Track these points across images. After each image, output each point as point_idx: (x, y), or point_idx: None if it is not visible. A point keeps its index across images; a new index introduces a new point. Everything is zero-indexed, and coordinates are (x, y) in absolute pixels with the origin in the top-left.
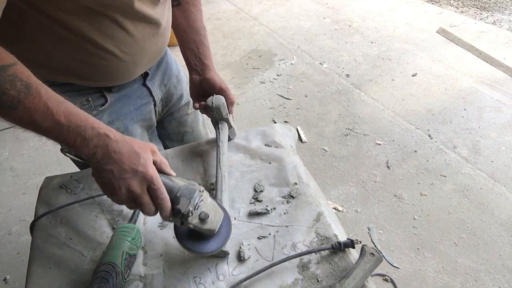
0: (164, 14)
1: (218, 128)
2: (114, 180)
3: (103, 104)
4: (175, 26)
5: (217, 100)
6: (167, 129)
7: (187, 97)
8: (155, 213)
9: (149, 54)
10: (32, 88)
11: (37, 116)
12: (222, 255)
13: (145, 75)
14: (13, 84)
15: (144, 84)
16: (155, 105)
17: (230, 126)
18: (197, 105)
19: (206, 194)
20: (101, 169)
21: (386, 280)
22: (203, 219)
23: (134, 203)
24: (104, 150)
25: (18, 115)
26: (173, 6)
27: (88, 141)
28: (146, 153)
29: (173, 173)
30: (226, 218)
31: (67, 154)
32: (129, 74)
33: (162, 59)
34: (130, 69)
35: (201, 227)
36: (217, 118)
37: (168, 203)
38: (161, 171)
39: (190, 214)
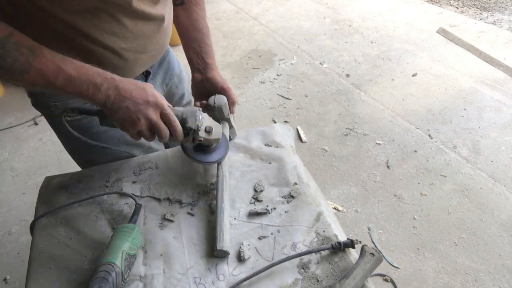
0: (165, 12)
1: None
2: (132, 113)
3: None
4: (178, 24)
5: (219, 99)
6: None
7: (188, 96)
8: (169, 138)
9: (150, 51)
10: (37, 50)
11: (50, 75)
12: (222, 255)
13: (146, 74)
14: (20, 50)
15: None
16: None
17: (231, 126)
18: (198, 103)
19: (203, 113)
20: (117, 108)
21: (386, 280)
22: (208, 131)
23: (151, 132)
24: (115, 91)
25: (32, 77)
26: (176, 4)
27: (99, 87)
28: (149, 87)
29: (170, 105)
30: (223, 134)
31: (67, 117)
32: (130, 71)
33: (164, 58)
34: (131, 66)
35: (209, 138)
36: (219, 118)
37: (179, 125)
38: None
39: (199, 128)
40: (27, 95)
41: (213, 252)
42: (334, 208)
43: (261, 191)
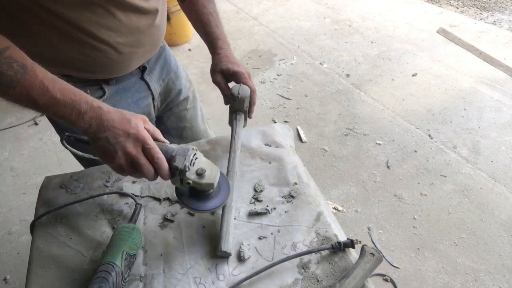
0: (158, 6)
1: (236, 119)
2: (110, 145)
3: (101, 97)
4: (190, 14)
5: (244, 91)
6: (166, 124)
7: (186, 92)
8: (155, 176)
9: (145, 46)
10: (28, 68)
11: (34, 93)
12: (224, 256)
13: (143, 69)
14: (10, 65)
15: (142, 78)
16: (153, 99)
17: (245, 118)
18: (221, 83)
19: (200, 153)
20: (97, 138)
21: (386, 280)
22: (200, 174)
23: (133, 167)
24: (98, 121)
25: (17, 93)
26: (182, 1)
27: (83, 114)
28: (137, 119)
29: (167, 141)
30: (224, 179)
31: (67, 146)
32: (125, 66)
33: (161, 54)
34: (126, 60)
35: (200, 182)
36: (237, 109)
37: (164, 162)
38: (154, 138)
39: (187, 169)
40: None
41: (215, 252)
42: (334, 208)
43: (261, 191)
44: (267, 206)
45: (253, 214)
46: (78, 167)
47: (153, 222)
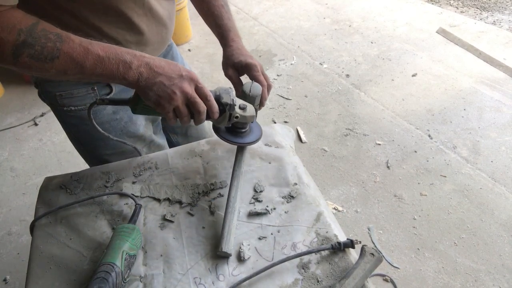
0: (168, 8)
1: None
2: (167, 88)
3: (108, 94)
4: (200, 8)
5: (256, 89)
6: None
7: None
8: (204, 114)
9: (153, 44)
10: (63, 36)
11: (78, 57)
12: (224, 256)
13: None
14: (47, 37)
15: None
16: None
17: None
18: (232, 77)
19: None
20: (151, 84)
21: (386, 280)
22: (243, 108)
23: (187, 109)
24: (147, 68)
25: (62, 62)
26: None
27: (130, 64)
28: (179, 64)
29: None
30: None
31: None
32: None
33: (168, 53)
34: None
35: (244, 115)
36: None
37: (213, 101)
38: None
39: (235, 104)
40: (33, 85)
41: (216, 252)
42: (334, 208)
43: (261, 191)
44: (267, 206)
45: (253, 214)
46: (78, 167)
47: (153, 223)
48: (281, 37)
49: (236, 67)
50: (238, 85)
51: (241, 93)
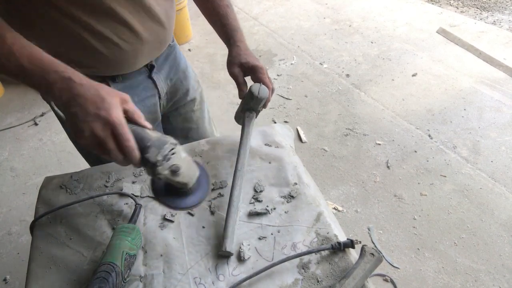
0: (165, 6)
1: (248, 117)
2: (78, 122)
3: None
4: (205, 10)
5: (263, 92)
6: (172, 124)
7: (193, 93)
8: (124, 162)
9: (150, 44)
10: (5, 35)
11: (2, 59)
12: (226, 255)
13: (151, 68)
14: None
15: (150, 77)
16: (159, 98)
17: (256, 117)
18: (239, 78)
19: (179, 148)
20: (67, 112)
21: (386, 280)
22: (174, 171)
23: (101, 148)
24: (68, 94)
25: None
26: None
27: (52, 85)
28: (113, 99)
29: (149, 126)
30: (204, 176)
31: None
32: (130, 63)
33: (170, 53)
34: (130, 58)
35: (172, 179)
36: (252, 107)
37: (134, 151)
38: (133, 121)
39: (159, 164)
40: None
41: (217, 251)
42: (334, 208)
43: (261, 191)
44: (267, 206)
45: (253, 214)
46: (78, 167)
47: (153, 222)
48: (281, 37)
49: (242, 67)
50: (242, 85)
51: (249, 94)
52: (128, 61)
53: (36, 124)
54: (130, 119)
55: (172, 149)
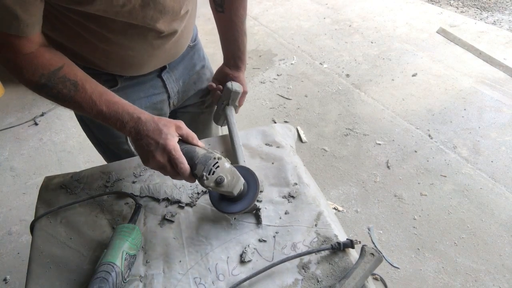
0: (180, 26)
1: (226, 110)
2: (144, 152)
3: (113, 87)
4: (219, 27)
5: (237, 86)
6: None
7: (204, 95)
8: (180, 178)
9: (158, 58)
10: (79, 85)
11: (85, 107)
12: (251, 211)
13: (162, 68)
14: (64, 84)
15: (160, 76)
16: (169, 97)
17: (236, 112)
18: (213, 85)
19: (223, 160)
20: (136, 144)
21: (376, 279)
22: (218, 182)
23: (162, 170)
24: (136, 130)
25: (72, 106)
26: (217, 11)
27: (125, 124)
28: (169, 129)
29: (201, 144)
30: (254, 181)
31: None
32: (140, 68)
33: (188, 54)
34: (142, 64)
35: (218, 189)
36: (228, 102)
37: (186, 171)
38: (188, 142)
39: (205, 178)
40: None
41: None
42: (334, 208)
43: (261, 191)
44: (267, 206)
45: (253, 214)
46: (78, 167)
47: (153, 222)
48: (281, 37)
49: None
50: (217, 90)
51: (225, 91)
52: (138, 66)
53: (36, 124)
54: (185, 141)
55: (216, 163)
